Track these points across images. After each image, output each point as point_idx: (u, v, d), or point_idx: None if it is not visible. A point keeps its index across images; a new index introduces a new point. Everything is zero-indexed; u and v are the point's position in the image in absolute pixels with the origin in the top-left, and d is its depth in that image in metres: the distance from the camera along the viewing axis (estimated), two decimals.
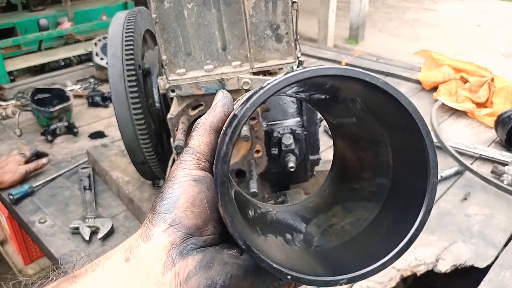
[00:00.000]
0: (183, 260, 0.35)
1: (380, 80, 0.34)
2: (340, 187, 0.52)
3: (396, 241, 0.36)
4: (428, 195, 0.35)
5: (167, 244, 0.35)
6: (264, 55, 1.13)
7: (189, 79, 1.14)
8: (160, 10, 1.07)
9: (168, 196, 0.37)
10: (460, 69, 2.57)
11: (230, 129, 0.34)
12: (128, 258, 0.35)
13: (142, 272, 0.34)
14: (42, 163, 1.86)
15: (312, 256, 0.42)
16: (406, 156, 0.38)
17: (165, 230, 0.36)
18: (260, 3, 1.07)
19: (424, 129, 0.34)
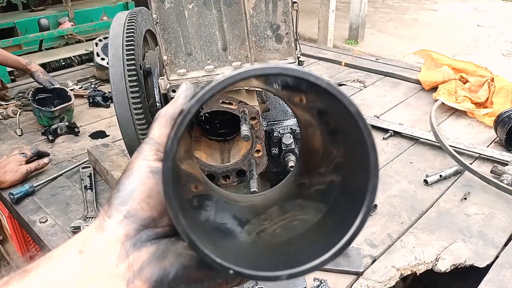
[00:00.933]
0: (136, 252, 0.35)
1: (324, 80, 0.34)
2: (300, 178, 0.53)
3: (339, 239, 0.37)
4: (368, 196, 0.36)
5: (121, 236, 0.35)
6: (264, 55, 1.14)
7: (190, 79, 1.14)
8: (160, 10, 1.08)
9: (124, 187, 0.38)
10: (460, 69, 2.57)
11: (176, 125, 0.35)
12: (81, 250, 0.35)
13: (96, 263, 0.34)
14: (43, 163, 1.86)
15: (259, 249, 0.42)
16: (354, 156, 0.39)
17: (120, 222, 0.36)
18: (260, 4, 1.08)
19: (365, 130, 0.35)
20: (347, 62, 3.03)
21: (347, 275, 1.31)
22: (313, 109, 0.46)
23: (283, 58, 1.15)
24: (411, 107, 2.43)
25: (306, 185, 0.49)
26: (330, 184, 0.44)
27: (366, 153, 0.35)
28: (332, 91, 0.34)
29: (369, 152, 0.35)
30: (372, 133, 0.35)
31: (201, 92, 0.35)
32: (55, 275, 0.34)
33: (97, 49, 2.85)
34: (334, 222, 0.41)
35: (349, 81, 2.79)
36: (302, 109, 0.49)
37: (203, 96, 0.35)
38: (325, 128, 0.45)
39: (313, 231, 0.42)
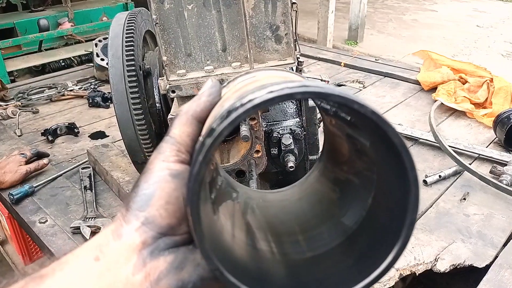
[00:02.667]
0: (154, 261, 0.34)
1: (369, 108, 0.31)
2: (325, 185, 0.49)
3: (367, 270, 0.34)
4: (404, 233, 0.33)
5: (138, 244, 0.34)
6: (263, 56, 1.14)
7: (190, 79, 1.14)
8: (160, 11, 1.08)
9: (142, 191, 0.36)
10: (459, 69, 2.58)
11: (204, 147, 0.32)
12: (98, 257, 0.34)
13: (111, 272, 0.33)
14: (43, 163, 1.86)
15: (280, 267, 0.40)
16: (388, 182, 0.36)
17: (137, 228, 0.34)
18: (259, 4, 1.08)
19: (412, 171, 0.32)
20: (346, 63, 3.03)
21: None
22: (343, 128, 0.43)
23: (282, 58, 1.15)
24: (410, 108, 2.44)
25: (342, 191, 0.45)
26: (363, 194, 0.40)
27: (405, 189, 0.33)
28: (380, 123, 0.31)
29: (411, 189, 0.32)
30: (417, 173, 0.32)
31: (234, 115, 0.32)
32: (70, 283, 0.33)
33: (96, 49, 2.85)
34: (363, 246, 0.38)
35: (348, 82, 2.79)
36: (331, 124, 0.46)
37: (236, 118, 0.32)
38: (353, 145, 0.43)
39: (341, 250, 0.39)
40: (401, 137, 0.32)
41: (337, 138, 0.46)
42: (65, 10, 4.23)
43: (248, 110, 0.32)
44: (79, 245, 0.37)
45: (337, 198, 0.46)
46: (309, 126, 1.44)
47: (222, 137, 0.32)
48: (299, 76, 0.45)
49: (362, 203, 0.40)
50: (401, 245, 0.33)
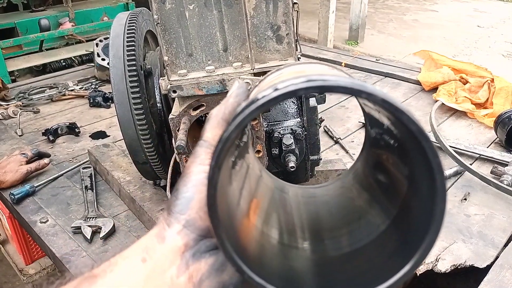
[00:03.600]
0: (196, 263, 0.35)
1: (379, 96, 0.31)
2: (365, 178, 0.49)
3: (399, 265, 0.34)
4: (428, 237, 0.33)
5: (181, 246, 0.35)
6: (265, 56, 1.14)
7: (191, 79, 1.14)
8: (161, 11, 1.08)
9: (182, 195, 0.37)
10: (460, 69, 2.57)
11: (215, 152, 0.32)
12: (145, 258, 0.35)
13: (158, 273, 0.34)
14: (44, 163, 1.86)
15: (310, 265, 0.40)
16: (421, 174, 0.36)
17: (179, 231, 0.36)
18: (261, 4, 1.08)
19: (432, 155, 0.33)
20: (347, 63, 3.03)
21: None
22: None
23: (283, 58, 1.15)
24: (411, 108, 2.43)
25: (377, 188, 0.45)
26: (396, 192, 0.40)
27: (431, 180, 0.33)
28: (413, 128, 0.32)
29: (436, 179, 0.33)
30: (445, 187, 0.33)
31: (240, 117, 0.32)
32: (120, 284, 0.34)
33: (97, 49, 2.85)
34: (396, 242, 0.37)
35: None
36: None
37: (243, 121, 0.32)
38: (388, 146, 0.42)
39: (380, 243, 0.39)
40: (417, 123, 0.32)
41: (378, 141, 0.46)
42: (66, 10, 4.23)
43: (253, 111, 0.32)
44: (129, 246, 0.38)
45: (372, 195, 0.46)
46: (310, 126, 1.44)
47: (230, 141, 0.32)
48: (336, 70, 0.45)
49: (394, 200, 0.40)
50: (431, 237, 0.33)
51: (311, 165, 1.51)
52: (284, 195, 0.50)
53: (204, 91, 1.16)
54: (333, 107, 2.46)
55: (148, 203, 1.56)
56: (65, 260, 1.40)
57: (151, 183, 1.66)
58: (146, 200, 1.58)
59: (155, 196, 1.60)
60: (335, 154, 1.99)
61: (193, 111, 1.20)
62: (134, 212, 1.62)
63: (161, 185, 1.63)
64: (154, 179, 1.62)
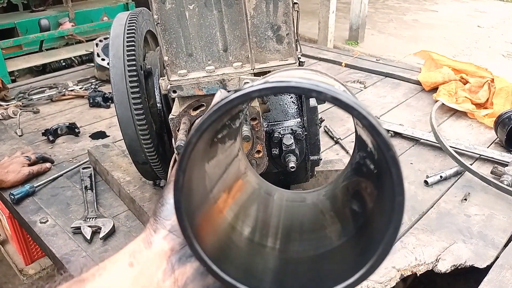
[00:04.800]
0: (181, 267, 0.36)
1: (328, 94, 0.32)
2: (339, 198, 0.52)
3: (351, 273, 0.37)
4: (388, 236, 0.36)
5: (167, 251, 0.37)
6: (265, 56, 1.14)
7: (191, 79, 1.14)
8: (161, 11, 1.08)
9: (168, 201, 0.38)
10: (460, 69, 2.57)
11: (179, 159, 0.34)
12: (132, 263, 0.36)
13: (144, 277, 0.35)
14: (45, 167, 1.87)
15: (275, 263, 0.42)
16: (385, 190, 0.38)
17: (165, 236, 0.37)
18: (261, 4, 1.08)
19: (397, 177, 0.34)
20: (347, 63, 3.03)
21: None
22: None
23: (283, 58, 1.15)
24: (411, 108, 2.43)
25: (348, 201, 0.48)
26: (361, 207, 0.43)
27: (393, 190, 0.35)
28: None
29: (396, 196, 0.35)
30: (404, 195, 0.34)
31: (201, 120, 0.33)
32: (108, 287, 0.35)
33: (97, 49, 2.85)
34: (356, 252, 0.40)
35: (349, 82, 2.79)
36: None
37: (202, 125, 0.34)
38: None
39: (341, 250, 0.41)
40: (367, 114, 0.33)
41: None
42: (66, 10, 4.23)
43: (211, 115, 0.34)
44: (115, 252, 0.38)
45: (337, 214, 0.48)
46: (310, 126, 1.44)
47: (192, 146, 0.33)
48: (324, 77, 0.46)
49: (356, 222, 0.42)
50: (382, 249, 0.36)
51: (311, 165, 1.51)
52: (268, 197, 0.52)
53: (204, 91, 1.15)
54: (334, 107, 2.45)
55: (148, 203, 1.56)
56: (65, 260, 1.40)
57: (151, 184, 1.66)
58: (146, 200, 1.58)
59: (155, 196, 1.60)
60: (335, 154, 1.99)
61: (193, 111, 1.20)
62: (134, 213, 1.62)
63: (161, 186, 1.62)
64: (154, 179, 1.62)
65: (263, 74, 1.18)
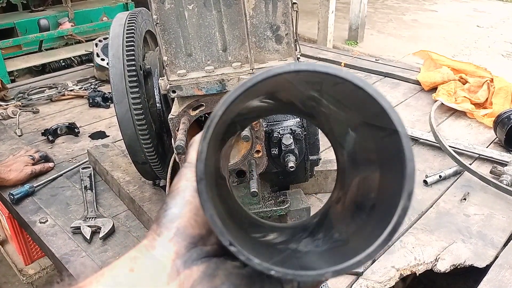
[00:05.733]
0: (187, 270, 0.35)
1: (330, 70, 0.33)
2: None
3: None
4: (398, 212, 0.35)
5: (172, 254, 0.36)
6: (264, 56, 1.14)
7: (190, 79, 1.14)
8: (160, 11, 1.08)
9: (171, 206, 0.38)
10: (459, 69, 2.58)
11: (205, 129, 0.34)
12: (133, 268, 0.35)
13: (147, 282, 0.34)
14: (48, 167, 1.87)
15: (296, 258, 0.42)
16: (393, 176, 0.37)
17: (170, 239, 0.36)
18: (260, 4, 1.08)
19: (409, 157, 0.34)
20: (346, 63, 3.03)
21: (347, 276, 1.32)
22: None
23: (283, 58, 1.15)
24: (410, 108, 2.44)
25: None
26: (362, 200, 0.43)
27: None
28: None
29: (406, 161, 0.34)
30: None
31: (226, 96, 0.33)
32: None
33: (97, 49, 2.85)
34: (369, 232, 0.39)
35: None
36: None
37: (228, 98, 0.33)
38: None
39: (330, 254, 0.41)
40: (373, 89, 0.33)
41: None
42: (65, 10, 4.23)
43: (237, 89, 0.33)
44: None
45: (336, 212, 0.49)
46: (310, 126, 1.44)
47: (218, 118, 0.33)
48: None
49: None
50: (394, 224, 0.35)
51: (310, 165, 1.51)
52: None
53: (203, 91, 1.15)
54: None
55: (148, 203, 1.56)
56: (64, 260, 1.40)
57: (151, 183, 1.66)
58: (146, 200, 1.58)
59: (155, 196, 1.60)
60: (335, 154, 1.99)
61: (192, 111, 1.20)
62: (134, 212, 1.62)
63: (161, 185, 1.63)
64: (154, 179, 1.62)
65: None
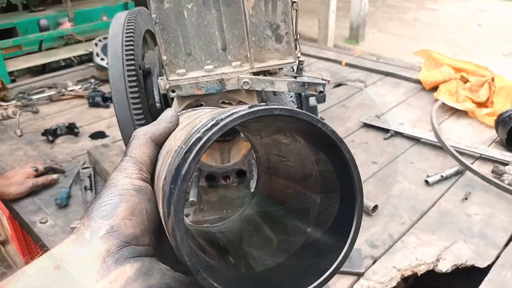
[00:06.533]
0: (120, 268, 0.34)
1: (329, 128, 0.37)
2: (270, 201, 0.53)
3: (318, 274, 0.38)
4: (342, 253, 0.38)
5: (102, 251, 0.34)
6: (264, 55, 1.13)
7: (189, 79, 1.14)
8: (160, 10, 1.07)
9: (107, 202, 0.37)
10: (461, 68, 2.57)
11: (196, 147, 0.34)
12: (58, 265, 0.34)
13: (72, 278, 0.33)
14: (51, 179, 1.79)
15: (248, 279, 0.43)
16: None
17: (101, 236, 0.35)
18: (260, 3, 1.07)
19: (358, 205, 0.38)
20: (347, 62, 3.02)
21: (348, 276, 1.31)
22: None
23: (283, 58, 1.14)
24: (411, 107, 2.43)
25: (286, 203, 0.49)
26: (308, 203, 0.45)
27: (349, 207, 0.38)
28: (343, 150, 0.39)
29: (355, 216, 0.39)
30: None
31: (214, 129, 0.34)
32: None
33: (96, 49, 2.84)
34: (314, 253, 0.42)
35: (349, 81, 2.78)
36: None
37: (212, 136, 0.34)
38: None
39: (296, 257, 0.43)
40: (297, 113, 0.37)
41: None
42: (65, 10, 4.22)
43: (235, 120, 0.34)
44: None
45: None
46: None
47: (211, 142, 0.34)
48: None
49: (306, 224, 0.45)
50: (336, 265, 0.38)
51: None
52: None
53: (203, 90, 1.15)
54: (334, 107, 2.45)
55: None
56: None
57: None
58: None
59: None
60: None
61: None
62: None
63: None
64: None
65: (262, 73, 1.17)
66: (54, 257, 0.35)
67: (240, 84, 1.14)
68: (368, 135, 2.14)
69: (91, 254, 0.34)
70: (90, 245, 0.35)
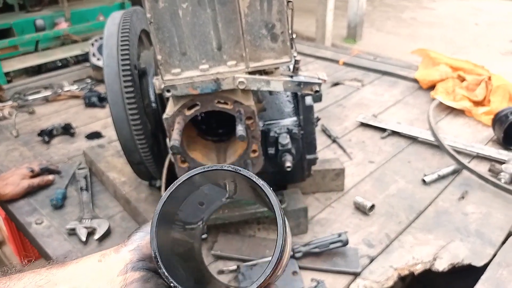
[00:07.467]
0: (133, 272, 0.52)
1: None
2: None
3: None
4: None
5: (127, 259, 0.53)
6: (259, 54, 1.13)
7: (185, 79, 1.13)
8: (154, 10, 1.07)
9: (141, 230, 0.57)
10: (458, 67, 2.57)
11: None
12: (100, 260, 0.54)
13: (106, 271, 0.52)
14: (47, 180, 1.78)
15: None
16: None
17: (130, 250, 0.54)
18: (255, 3, 1.07)
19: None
20: (345, 61, 3.02)
21: (345, 275, 1.31)
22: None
23: (278, 57, 1.14)
24: (409, 106, 2.43)
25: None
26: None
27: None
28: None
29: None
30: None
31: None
32: (80, 271, 0.53)
33: (93, 49, 2.83)
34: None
35: (346, 80, 2.78)
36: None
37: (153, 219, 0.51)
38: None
39: None
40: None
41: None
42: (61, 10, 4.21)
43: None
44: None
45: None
46: (307, 125, 1.43)
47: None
48: None
49: None
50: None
51: (307, 165, 1.50)
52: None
53: (198, 90, 1.14)
54: (330, 106, 2.45)
55: (144, 204, 1.55)
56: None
57: (147, 184, 1.65)
58: (142, 201, 1.57)
59: (151, 197, 1.59)
60: (333, 153, 1.99)
61: (187, 111, 1.19)
62: (129, 213, 1.61)
63: (157, 186, 1.61)
64: (150, 179, 1.61)
65: (258, 72, 1.17)
66: (99, 255, 0.54)
67: (236, 84, 1.14)
68: (365, 134, 2.14)
69: (120, 259, 0.53)
70: (121, 254, 0.54)
